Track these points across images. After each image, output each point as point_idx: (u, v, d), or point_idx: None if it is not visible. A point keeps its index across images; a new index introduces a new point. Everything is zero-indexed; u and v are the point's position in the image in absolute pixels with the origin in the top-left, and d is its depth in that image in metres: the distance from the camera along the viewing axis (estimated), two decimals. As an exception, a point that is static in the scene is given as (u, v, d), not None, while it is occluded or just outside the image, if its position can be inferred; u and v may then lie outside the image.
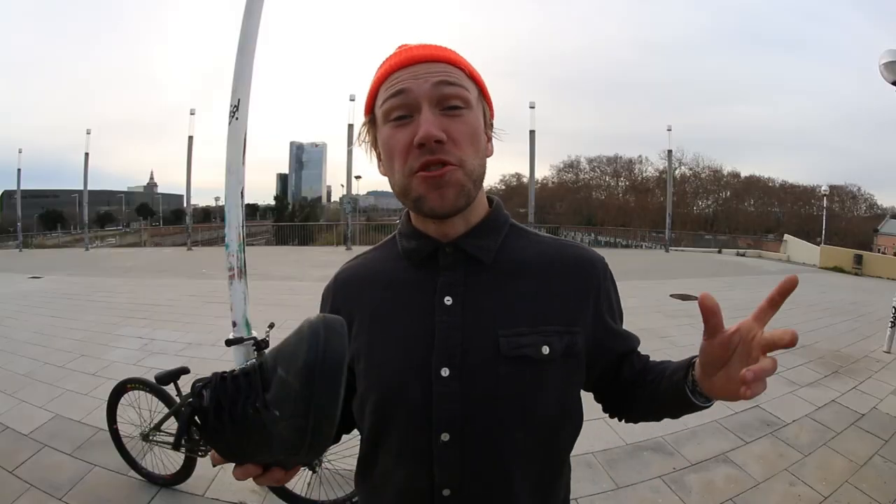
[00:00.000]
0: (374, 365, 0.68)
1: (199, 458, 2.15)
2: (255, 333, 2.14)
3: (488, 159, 0.68)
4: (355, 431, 0.78)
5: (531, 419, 0.65)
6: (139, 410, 2.25)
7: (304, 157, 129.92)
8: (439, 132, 0.59)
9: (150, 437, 2.20)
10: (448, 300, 0.66)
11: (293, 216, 63.13)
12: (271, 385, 0.48)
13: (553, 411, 0.67)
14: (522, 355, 0.64)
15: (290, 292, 7.08)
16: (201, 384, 0.53)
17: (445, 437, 0.63)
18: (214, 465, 0.57)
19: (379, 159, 0.69)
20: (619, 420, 0.79)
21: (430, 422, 0.63)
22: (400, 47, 0.68)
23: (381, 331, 0.69)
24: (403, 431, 0.66)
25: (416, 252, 0.69)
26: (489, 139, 0.68)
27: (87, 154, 15.90)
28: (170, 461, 2.22)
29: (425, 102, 0.60)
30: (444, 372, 0.63)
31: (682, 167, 50.57)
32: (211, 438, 0.52)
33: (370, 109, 0.67)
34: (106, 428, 2.32)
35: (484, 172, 0.66)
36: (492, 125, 0.70)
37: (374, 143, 0.68)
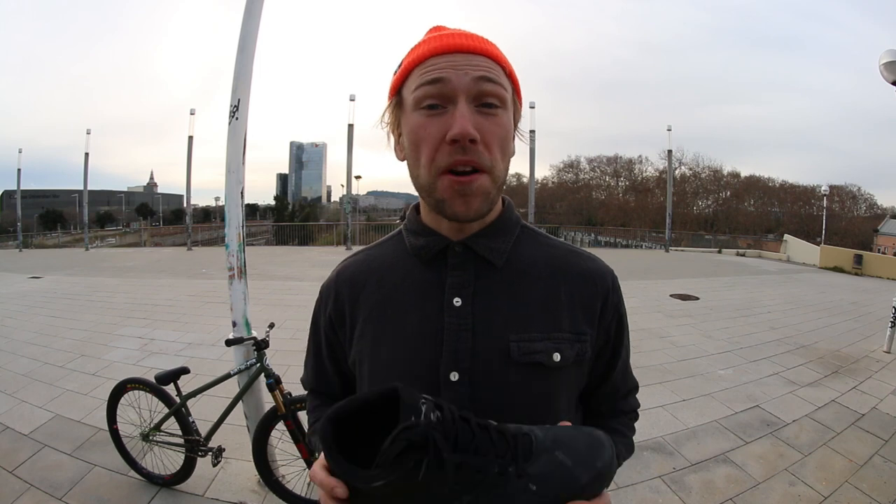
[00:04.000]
0: (380, 367, 0.66)
1: (198, 458, 2.15)
2: (255, 333, 2.14)
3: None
4: None
5: None
6: (139, 410, 2.26)
7: (304, 157, 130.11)
8: (474, 131, 0.56)
9: (150, 437, 2.20)
10: (457, 301, 0.64)
11: (293, 216, 63.21)
12: (535, 459, 0.49)
13: (562, 420, 0.66)
14: (534, 362, 0.62)
15: (290, 292, 7.08)
16: (432, 404, 0.46)
17: None
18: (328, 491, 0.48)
19: (397, 142, 0.66)
20: None
21: None
22: (435, 29, 0.65)
23: (388, 331, 0.66)
24: None
25: (425, 249, 0.67)
26: (513, 138, 0.66)
27: (87, 154, 15.93)
28: (170, 461, 2.22)
29: (462, 96, 0.57)
30: (454, 376, 0.61)
31: (682, 167, 50.66)
32: (408, 475, 0.42)
33: (397, 90, 0.64)
34: (106, 428, 2.32)
35: (507, 175, 0.64)
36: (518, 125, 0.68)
37: (396, 126, 0.65)
